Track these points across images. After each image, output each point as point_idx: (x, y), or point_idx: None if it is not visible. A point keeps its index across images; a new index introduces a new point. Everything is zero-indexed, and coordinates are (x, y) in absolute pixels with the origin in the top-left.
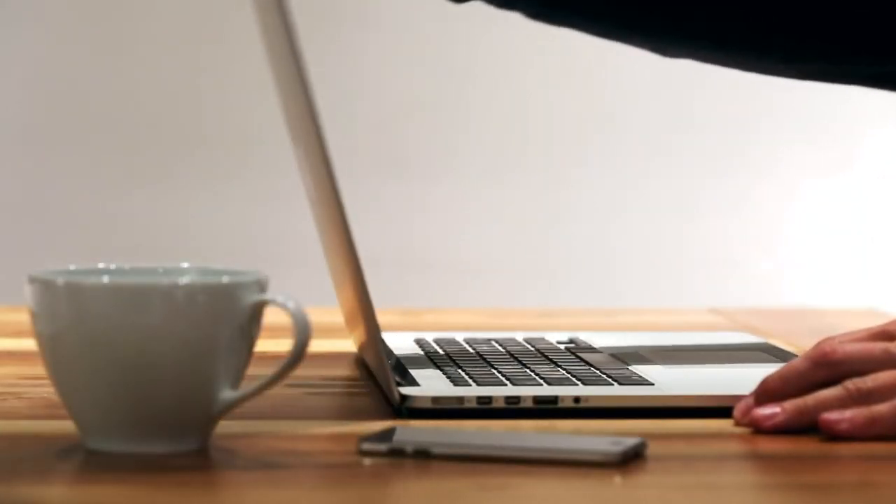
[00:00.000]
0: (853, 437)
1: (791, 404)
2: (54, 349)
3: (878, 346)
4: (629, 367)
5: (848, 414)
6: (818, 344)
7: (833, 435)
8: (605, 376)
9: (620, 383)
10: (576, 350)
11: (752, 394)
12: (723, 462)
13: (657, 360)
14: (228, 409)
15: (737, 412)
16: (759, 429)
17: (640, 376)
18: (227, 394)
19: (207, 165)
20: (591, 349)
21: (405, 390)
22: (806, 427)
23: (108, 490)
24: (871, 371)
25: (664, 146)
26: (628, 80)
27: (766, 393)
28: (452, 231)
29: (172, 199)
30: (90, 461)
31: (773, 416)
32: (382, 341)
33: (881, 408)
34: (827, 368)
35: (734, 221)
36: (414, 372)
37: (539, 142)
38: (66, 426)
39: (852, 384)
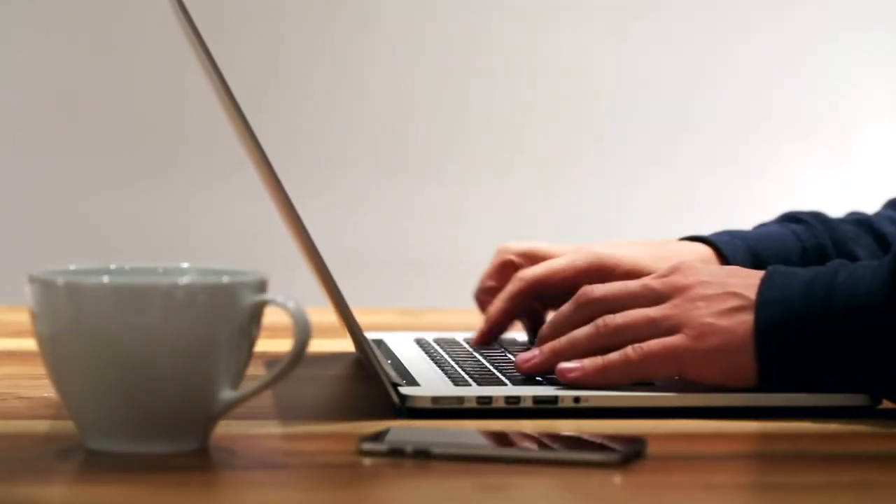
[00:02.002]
0: (586, 385)
1: (547, 346)
2: (54, 349)
3: (637, 282)
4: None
5: (582, 363)
6: (586, 291)
7: (567, 383)
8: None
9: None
10: None
11: (535, 347)
12: (723, 462)
13: None
14: (228, 409)
15: (521, 365)
16: (524, 373)
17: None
18: (227, 394)
19: (208, 165)
20: None
21: (405, 390)
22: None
23: (108, 490)
24: (628, 307)
25: (663, 145)
26: (626, 80)
27: (541, 340)
28: (453, 231)
29: (172, 200)
30: (90, 461)
31: (531, 358)
32: (367, 339)
33: (613, 356)
34: (588, 308)
35: (733, 220)
36: (414, 372)
37: (539, 141)
38: (66, 426)
39: (602, 321)
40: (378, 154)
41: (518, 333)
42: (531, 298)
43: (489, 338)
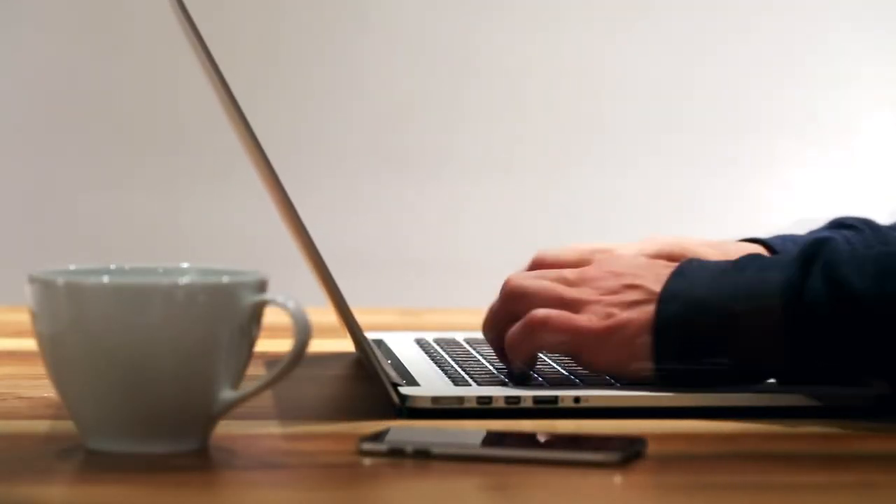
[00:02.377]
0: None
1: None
2: (54, 349)
3: (554, 271)
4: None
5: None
6: (506, 280)
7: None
8: (605, 376)
9: (620, 383)
10: None
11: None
12: (723, 462)
13: None
14: (228, 409)
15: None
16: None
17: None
18: (227, 394)
19: (208, 166)
20: None
21: (405, 390)
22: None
23: (108, 490)
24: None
25: (662, 145)
26: (625, 79)
27: (484, 334)
28: (453, 231)
29: (172, 200)
30: (90, 461)
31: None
32: (366, 339)
33: (516, 326)
34: (508, 303)
35: (732, 219)
36: (414, 372)
37: (538, 141)
38: (66, 426)
39: (509, 288)
40: (378, 154)
41: None
42: None
43: None
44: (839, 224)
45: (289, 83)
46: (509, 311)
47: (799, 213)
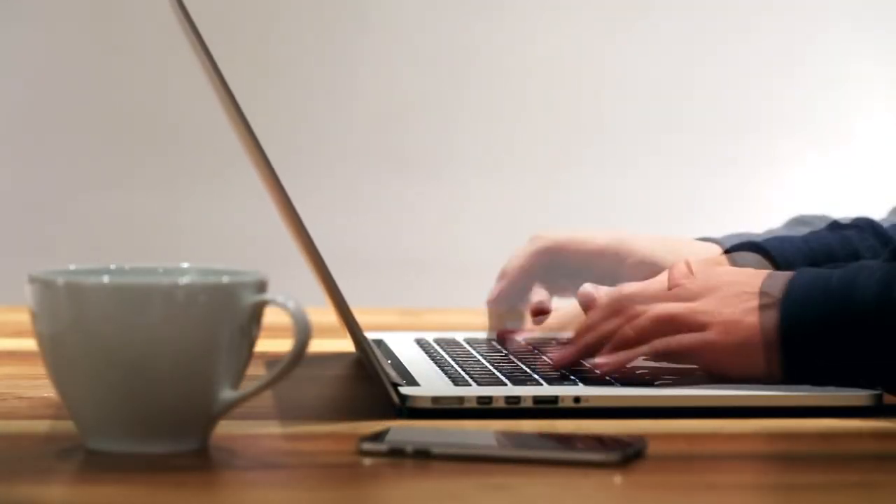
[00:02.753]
0: (610, 367)
1: (581, 342)
2: (54, 349)
3: (664, 283)
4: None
5: (610, 358)
6: (581, 291)
7: (601, 372)
8: (605, 376)
9: (620, 383)
10: None
11: (568, 343)
12: (723, 462)
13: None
14: (228, 409)
15: (558, 361)
16: (558, 367)
17: (640, 376)
18: (227, 394)
19: (208, 166)
20: None
21: (405, 390)
22: (591, 355)
23: (108, 490)
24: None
25: (661, 144)
26: (624, 79)
27: (576, 339)
28: (452, 231)
29: (172, 200)
30: (90, 461)
31: (565, 354)
32: (367, 339)
33: (643, 349)
34: (615, 306)
35: (731, 218)
36: (414, 372)
37: (538, 140)
38: (66, 426)
39: (633, 312)
40: (378, 153)
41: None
42: (548, 259)
43: (505, 295)
44: (840, 225)
45: (288, 83)
46: (627, 334)
47: (798, 212)
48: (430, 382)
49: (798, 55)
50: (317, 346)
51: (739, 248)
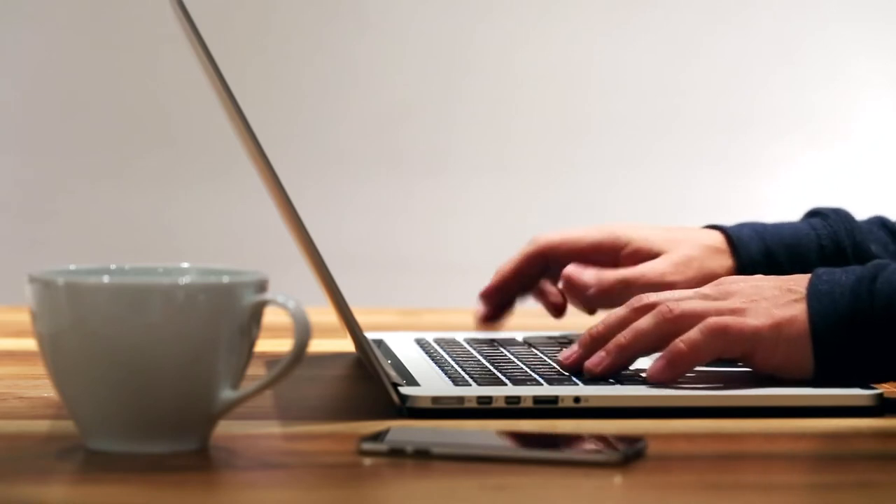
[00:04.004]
0: (675, 375)
1: (612, 344)
2: (54, 349)
3: (690, 291)
4: (628, 367)
5: (664, 357)
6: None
7: (658, 380)
8: (605, 376)
9: (620, 383)
10: None
11: (578, 343)
12: (723, 462)
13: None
14: (228, 409)
15: (563, 358)
16: (595, 376)
17: (641, 376)
18: (227, 394)
19: (208, 165)
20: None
21: (405, 390)
22: (631, 361)
23: (108, 490)
24: None
25: (658, 142)
26: (619, 79)
27: (592, 339)
28: (453, 231)
29: (172, 199)
30: (90, 461)
31: (601, 360)
32: (366, 339)
33: (692, 334)
34: (642, 311)
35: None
36: (414, 372)
37: (535, 139)
38: (66, 426)
39: (665, 307)
40: (377, 154)
41: (517, 333)
42: (543, 261)
43: (496, 294)
44: (811, 213)
45: (287, 83)
46: (663, 334)
47: (795, 210)
48: (430, 382)
49: (794, 53)
50: (317, 346)
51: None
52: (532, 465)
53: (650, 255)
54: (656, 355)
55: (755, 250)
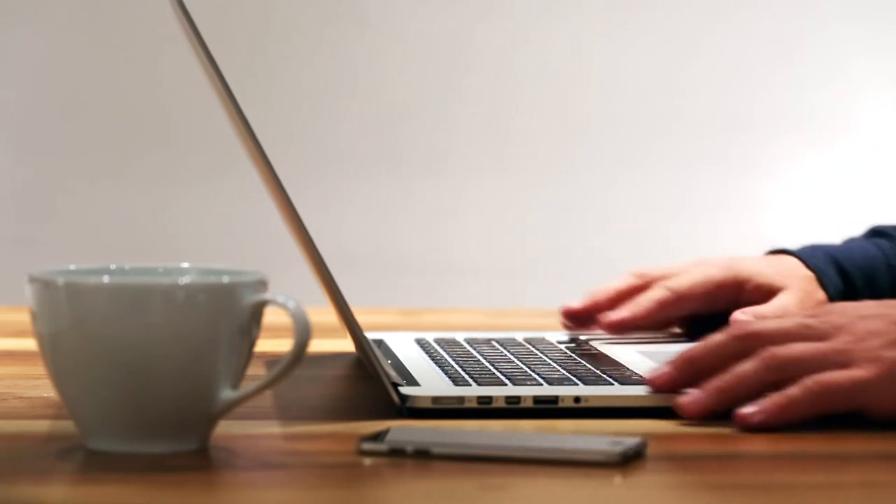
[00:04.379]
0: (768, 427)
1: (711, 386)
2: (54, 349)
3: (794, 321)
4: (629, 367)
5: (762, 405)
6: (735, 318)
7: (748, 428)
8: (605, 376)
9: (621, 383)
10: (576, 350)
11: (671, 363)
12: (723, 462)
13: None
14: (228, 409)
15: (654, 378)
16: (691, 416)
17: (641, 376)
18: (227, 394)
19: (208, 165)
20: (591, 348)
21: (405, 390)
22: (729, 406)
23: (108, 490)
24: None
25: (658, 143)
26: (620, 79)
27: (687, 362)
28: (452, 231)
29: (172, 199)
30: (90, 461)
31: (697, 401)
32: (367, 339)
33: (794, 391)
34: (745, 341)
35: (728, 217)
36: (414, 372)
37: (535, 139)
38: (66, 426)
39: (769, 354)
40: (376, 153)
41: (517, 333)
42: (676, 310)
43: (624, 329)
44: (875, 233)
45: (287, 83)
46: (765, 381)
47: (795, 210)
48: (430, 382)
49: (794, 53)
50: (317, 346)
51: (774, 252)
52: (532, 465)
53: (771, 291)
54: None
55: (835, 278)
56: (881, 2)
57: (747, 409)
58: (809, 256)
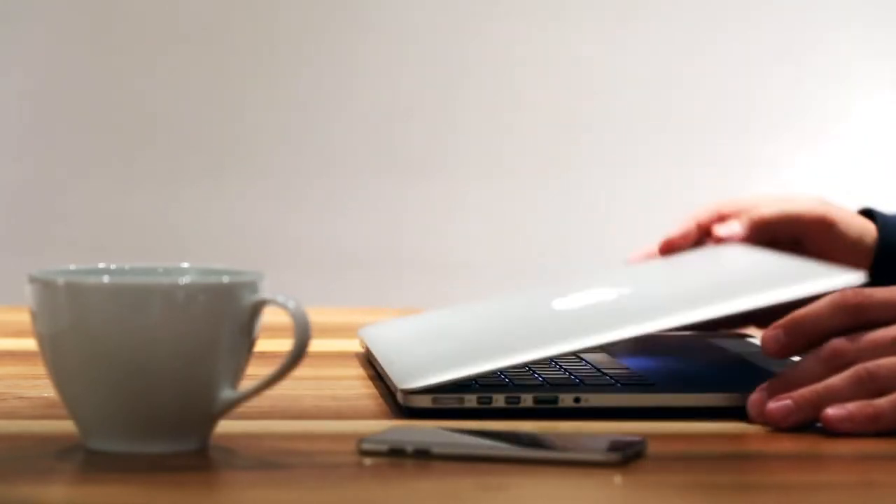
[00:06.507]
0: (857, 433)
1: (803, 399)
2: (54, 349)
3: (887, 334)
4: (629, 368)
5: (850, 409)
6: (842, 291)
7: (835, 431)
8: (605, 376)
9: (621, 384)
10: (576, 350)
11: (782, 326)
12: (723, 462)
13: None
14: (228, 409)
15: (768, 343)
16: (773, 423)
17: (640, 376)
18: (227, 394)
19: (207, 165)
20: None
21: (405, 387)
22: (815, 417)
23: (108, 490)
24: (893, 320)
25: (655, 144)
26: (619, 79)
27: (789, 327)
28: (452, 231)
29: (172, 199)
30: (90, 461)
31: (788, 413)
32: (367, 339)
33: (882, 402)
34: (847, 314)
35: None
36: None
37: (534, 139)
38: (66, 426)
39: (863, 368)
40: (376, 153)
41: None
42: (766, 236)
43: (687, 241)
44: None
45: (286, 83)
46: (855, 394)
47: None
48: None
49: (794, 53)
50: (317, 346)
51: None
52: (532, 465)
53: (857, 248)
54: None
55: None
56: (881, 2)
57: (835, 413)
58: (886, 221)
